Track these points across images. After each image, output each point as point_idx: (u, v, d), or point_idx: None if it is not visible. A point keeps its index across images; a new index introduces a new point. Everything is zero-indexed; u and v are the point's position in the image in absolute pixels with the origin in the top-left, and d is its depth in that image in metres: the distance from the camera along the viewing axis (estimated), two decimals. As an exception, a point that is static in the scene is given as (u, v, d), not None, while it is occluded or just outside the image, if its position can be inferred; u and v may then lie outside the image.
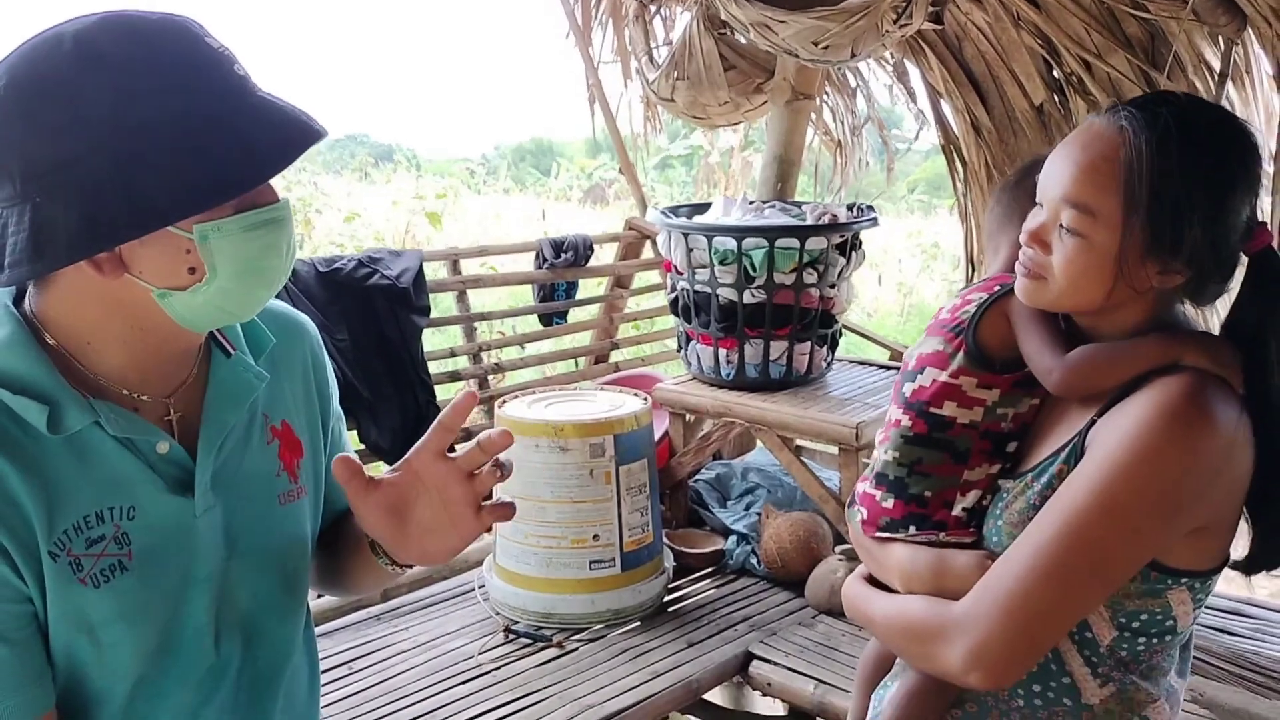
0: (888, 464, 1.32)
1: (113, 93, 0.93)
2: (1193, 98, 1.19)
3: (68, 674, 1.04)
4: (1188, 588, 1.16)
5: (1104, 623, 1.18)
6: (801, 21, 2.98)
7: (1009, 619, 1.13)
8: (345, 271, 3.34)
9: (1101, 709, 1.20)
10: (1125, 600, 1.16)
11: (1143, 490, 1.09)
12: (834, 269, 3.20)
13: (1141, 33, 3.40)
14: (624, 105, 4.35)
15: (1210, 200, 1.11)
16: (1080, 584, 1.12)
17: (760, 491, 3.55)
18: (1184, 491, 1.09)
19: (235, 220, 0.99)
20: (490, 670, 2.72)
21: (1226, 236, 1.13)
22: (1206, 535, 1.14)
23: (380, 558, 1.16)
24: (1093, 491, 1.11)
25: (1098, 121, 1.16)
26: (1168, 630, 1.19)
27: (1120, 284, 1.14)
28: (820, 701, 2.57)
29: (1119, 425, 1.13)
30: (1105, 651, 1.19)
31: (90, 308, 1.02)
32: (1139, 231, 1.11)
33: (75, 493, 1.01)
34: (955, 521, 1.27)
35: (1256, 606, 3.05)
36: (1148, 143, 1.11)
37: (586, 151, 16.12)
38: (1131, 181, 1.11)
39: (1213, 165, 1.11)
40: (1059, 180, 1.16)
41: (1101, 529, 1.10)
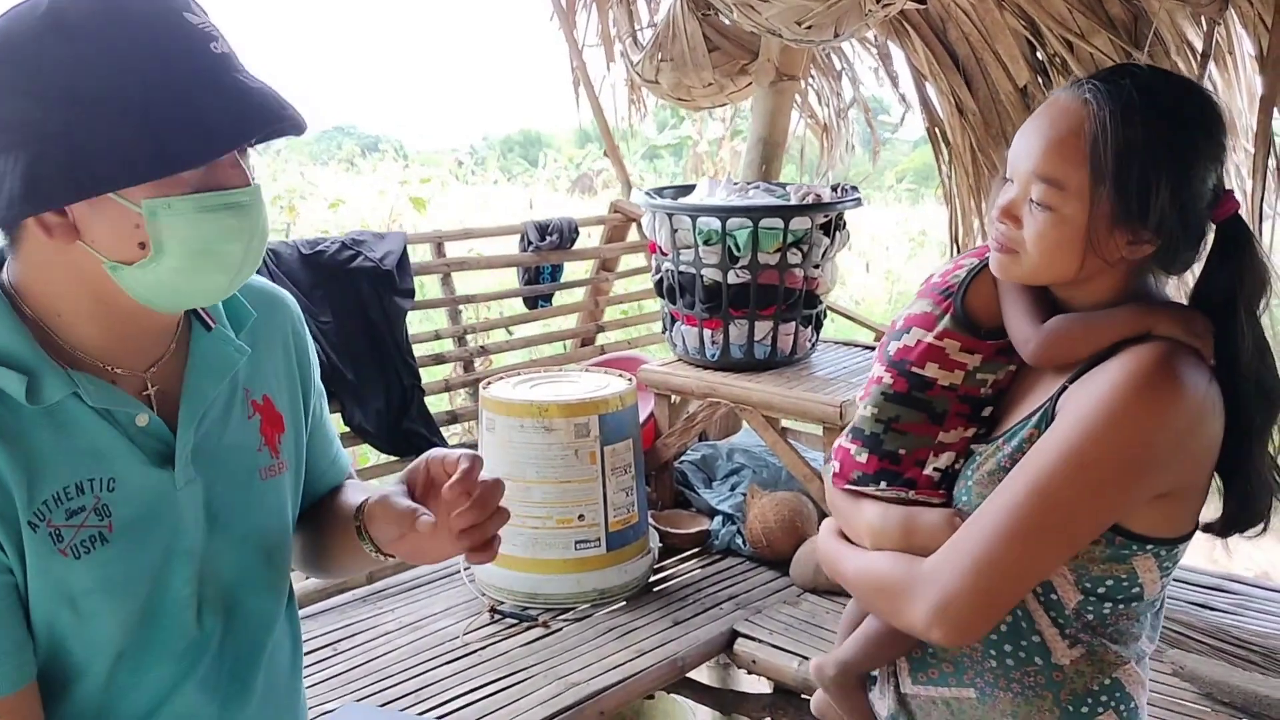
0: (865, 419, 1.33)
1: (75, 60, 0.93)
2: (1155, 69, 1.20)
3: (48, 646, 1.03)
4: (1154, 555, 1.17)
5: (1069, 586, 1.19)
6: (785, 1, 2.98)
7: (974, 576, 1.15)
8: (329, 254, 3.33)
9: (1072, 669, 1.21)
10: (1090, 565, 1.18)
11: (1110, 453, 1.11)
12: (818, 249, 3.21)
13: (1124, 13, 3.40)
14: (608, 89, 4.35)
15: (1175, 168, 1.12)
16: (1045, 543, 1.14)
17: (745, 472, 3.56)
18: (1150, 456, 1.11)
19: (189, 200, 0.98)
20: (476, 650, 2.72)
21: (1194, 204, 1.14)
22: (1172, 502, 1.16)
23: (366, 543, 1.16)
24: (1061, 453, 1.13)
25: (1063, 95, 1.18)
26: (1134, 597, 1.20)
27: (1091, 255, 1.15)
28: (805, 678, 2.59)
29: (1090, 390, 1.14)
30: (1071, 614, 1.20)
31: (56, 277, 1.02)
32: (1107, 202, 1.13)
33: (55, 464, 1.00)
34: (926, 480, 1.29)
35: (1236, 582, 3.08)
36: (1111, 114, 1.12)
37: (574, 142, 16.10)
38: (1097, 152, 1.12)
39: (1176, 133, 1.13)
40: (1027, 155, 1.17)
41: (1069, 489, 1.12)
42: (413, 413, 3.39)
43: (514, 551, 2.91)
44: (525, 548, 2.90)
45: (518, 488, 2.88)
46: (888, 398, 1.31)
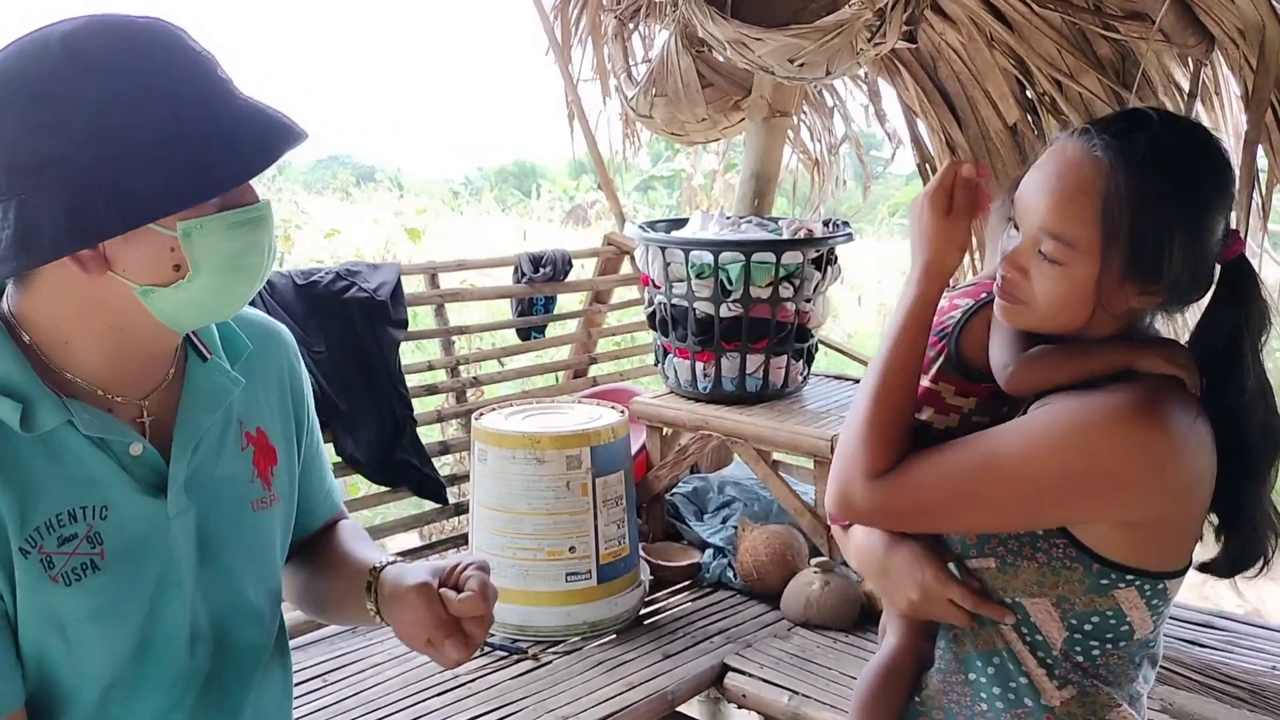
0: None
1: (98, 92, 0.95)
2: (1165, 116, 1.18)
3: (38, 674, 1.04)
4: (1136, 589, 1.17)
5: (1054, 623, 1.20)
6: (777, 39, 3.02)
7: (892, 494, 1.21)
8: (323, 284, 3.34)
9: (1063, 710, 1.21)
10: (1071, 597, 1.18)
11: (1066, 454, 1.13)
12: (810, 283, 3.23)
13: (1112, 53, 3.45)
14: (603, 122, 4.38)
15: (1188, 225, 1.12)
16: (970, 505, 1.19)
17: (737, 505, 3.56)
18: (1110, 479, 1.12)
19: (218, 218, 1.01)
20: (465, 683, 2.71)
21: (1205, 256, 1.14)
22: (1147, 533, 1.16)
23: (369, 602, 1.18)
24: (1022, 433, 1.16)
25: (1071, 146, 1.15)
26: (1124, 635, 1.19)
27: (1099, 308, 1.15)
28: (795, 713, 2.58)
29: (1069, 401, 1.16)
30: (1059, 654, 1.20)
31: (70, 306, 1.03)
32: (1118, 260, 1.12)
33: (47, 491, 1.01)
34: None
35: (1226, 619, 3.08)
36: (1126, 173, 1.11)
37: (568, 173, 16.19)
38: (1110, 213, 1.11)
39: (1189, 190, 1.12)
40: (1036, 209, 1.16)
41: (1012, 466, 1.15)
42: (405, 443, 3.39)
43: (504, 583, 2.90)
44: (516, 579, 2.90)
45: (509, 519, 2.88)
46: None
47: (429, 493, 3.43)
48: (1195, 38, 3.14)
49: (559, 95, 4.37)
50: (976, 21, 3.57)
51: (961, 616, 1.24)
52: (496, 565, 2.90)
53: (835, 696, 2.58)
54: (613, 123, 4.39)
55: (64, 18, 0.99)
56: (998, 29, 3.52)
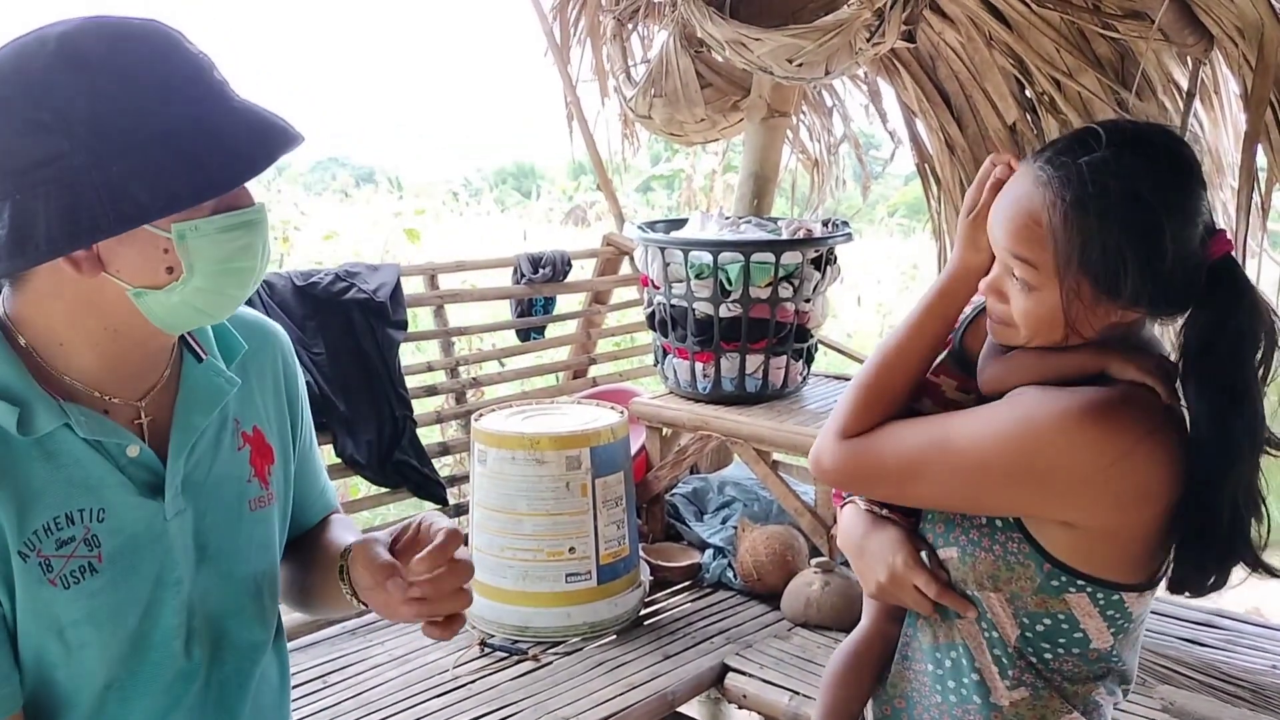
0: None
1: (94, 93, 0.95)
2: (1115, 132, 1.14)
3: (36, 677, 1.04)
4: (1089, 596, 1.16)
5: (1007, 619, 1.20)
6: (776, 39, 3.02)
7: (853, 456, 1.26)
8: (322, 285, 3.34)
9: (1011, 712, 1.22)
10: (1023, 594, 1.19)
11: (1010, 443, 1.15)
12: (809, 283, 3.23)
13: (1111, 53, 3.45)
14: (602, 123, 4.38)
15: (1139, 242, 1.10)
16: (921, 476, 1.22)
17: (737, 505, 3.56)
18: (1053, 475, 1.13)
19: (213, 221, 1.01)
20: (465, 684, 2.71)
21: (1173, 268, 1.11)
22: (1093, 538, 1.15)
23: (345, 586, 1.17)
24: (978, 418, 1.19)
25: (1024, 172, 1.16)
26: (1076, 642, 1.19)
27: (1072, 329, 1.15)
28: (795, 713, 2.58)
29: (1031, 394, 1.18)
30: (1014, 652, 1.21)
31: (64, 308, 1.03)
32: (1079, 283, 1.12)
33: (45, 494, 1.01)
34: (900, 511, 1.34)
35: (1226, 618, 3.08)
36: (1063, 201, 1.11)
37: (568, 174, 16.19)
38: (1057, 242, 1.11)
39: (1134, 212, 1.09)
40: (1000, 234, 1.17)
41: (961, 445, 1.18)
42: (404, 444, 3.39)
43: (504, 584, 2.91)
44: (515, 580, 2.90)
45: (509, 520, 2.88)
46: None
47: (429, 494, 3.43)
48: (1194, 37, 3.14)
49: (558, 96, 4.37)
50: (975, 21, 3.57)
51: (924, 604, 1.26)
52: (496, 566, 2.91)
53: (835, 697, 2.57)
54: (612, 123, 4.40)
55: (60, 19, 0.99)
56: (997, 28, 3.53)
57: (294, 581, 1.31)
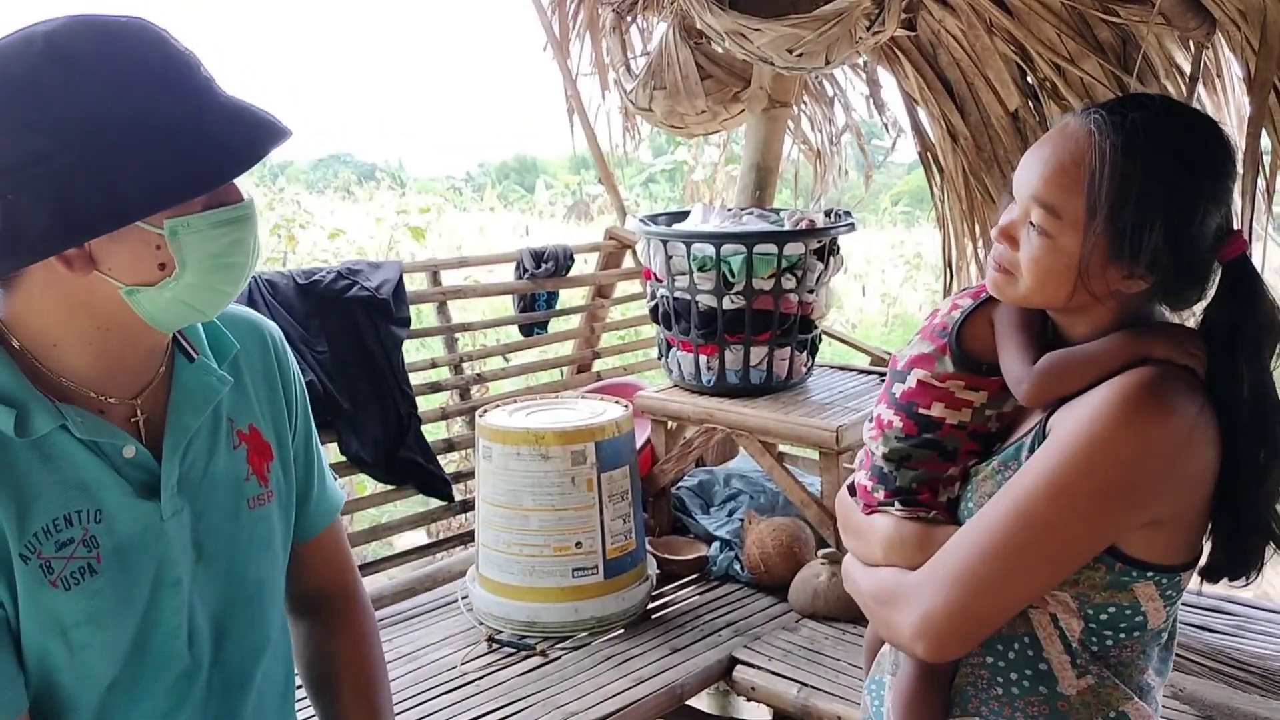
0: (877, 460, 1.35)
1: (83, 91, 0.95)
2: (1169, 102, 1.18)
3: (40, 678, 1.04)
4: (1154, 583, 1.16)
5: (1071, 615, 1.19)
6: (776, 29, 3.01)
7: (956, 590, 1.15)
8: (325, 284, 3.34)
9: (1078, 700, 1.20)
10: (1091, 592, 1.17)
11: (1090, 475, 1.10)
12: (812, 274, 3.22)
13: (1113, 37, 3.44)
14: (603, 116, 4.37)
15: (1173, 209, 1.11)
16: (1025, 563, 1.14)
17: (743, 498, 3.55)
18: (1132, 481, 1.10)
19: (204, 216, 1.01)
20: (474, 680, 2.71)
21: (1192, 245, 1.12)
22: (1166, 529, 1.15)
23: None
24: (1042, 473, 1.13)
25: (1072, 122, 1.17)
26: (1137, 626, 1.19)
27: (1081, 287, 1.15)
28: (804, 705, 2.58)
29: (1077, 412, 1.14)
30: (1078, 644, 1.20)
31: (57, 308, 1.03)
32: (1101, 236, 1.12)
33: (44, 496, 1.01)
34: (940, 508, 1.29)
35: (1236, 604, 3.07)
36: (1113, 147, 1.11)
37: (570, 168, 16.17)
38: (1094, 185, 1.12)
39: (1178, 174, 1.11)
40: (1029, 179, 1.17)
41: (1047, 511, 1.12)
42: (409, 441, 3.39)
43: (511, 580, 2.91)
44: (522, 576, 2.90)
45: (514, 515, 2.88)
46: (899, 439, 1.32)
47: (434, 490, 3.43)
48: (1196, 20, 3.12)
49: (558, 90, 4.36)
50: (976, 8, 3.55)
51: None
52: (502, 562, 2.91)
53: (844, 688, 2.57)
54: (612, 117, 4.39)
55: (46, 18, 0.99)
56: (997, 15, 3.51)
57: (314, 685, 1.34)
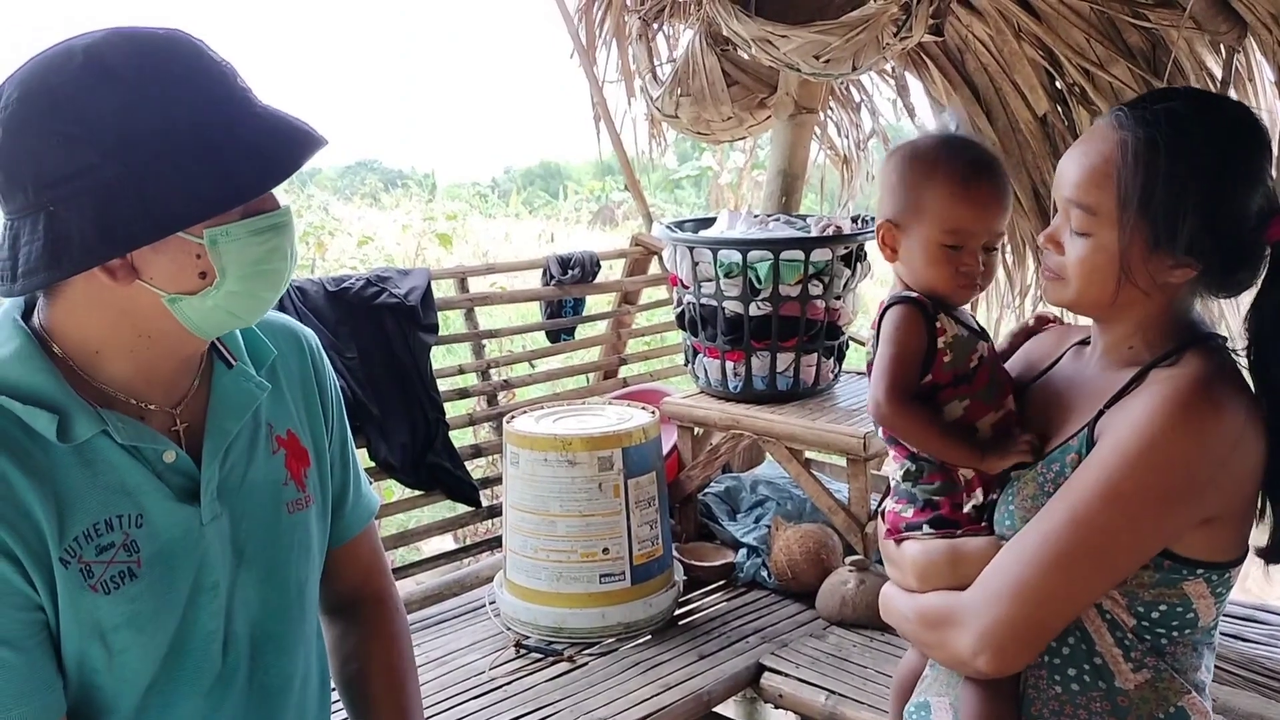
0: (898, 482, 1.38)
1: (122, 103, 0.96)
2: (1195, 92, 1.21)
3: (79, 682, 1.05)
4: (1205, 580, 1.16)
5: (1121, 610, 1.19)
6: (802, 36, 3.01)
7: (1015, 603, 1.15)
8: (354, 290, 3.36)
9: (1137, 694, 1.20)
10: (1140, 590, 1.17)
11: (1147, 479, 1.11)
12: (839, 280, 3.22)
13: (1143, 42, 3.42)
14: (629, 123, 4.39)
15: (1204, 190, 1.12)
16: (1085, 570, 1.14)
17: (770, 504, 3.55)
18: (1190, 481, 1.11)
19: (243, 225, 1.03)
20: (501, 685, 2.72)
21: (1231, 226, 1.13)
22: (1218, 526, 1.15)
23: None
24: (1099, 480, 1.13)
25: (1101, 122, 1.19)
26: (1189, 624, 1.19)
27: (1127, 283, 1.16)
28: (832, 713, 2.56)
29: (1128, 416, 1.15)
30: (1132, 638, 1.19)
31: (99, 316, 1.05)
32: (1137, 227, 1.13)
33: (85, 500, 1.03)
34: (967, 519, 1.30)
35: (1269, 613, 3.03)
36: (1135, 138, 1.13)
37: (595, 174, 16.19)
38: (1122, 178, 1.14)
39: (1204, 153, 1.12)
40: (1065, 183, 1.20)
41: (1106, 517, 1.12)
42: (437, 447, 3.41)
43: (538, 585, 2.92)
44: (550, 581, 2.91)
45: (542, 521, 2.89)
46: (907, 460, 1.36)
47: (462, 496, 3.44)
48: (1227, 24, 3.10)
49: (584, 97, 4.38)
50: (1004, 13, 3.54)
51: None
52: (530, 567, 2.92)
53: (873, 696, 2.56)
54: (638, 123, 4.40)
55: (85, 31, 1.01)
56: (1025, 19, 3.49)
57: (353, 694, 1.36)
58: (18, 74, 0.99)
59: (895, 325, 1.33)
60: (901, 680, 1.48)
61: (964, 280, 1.34)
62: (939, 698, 1.34)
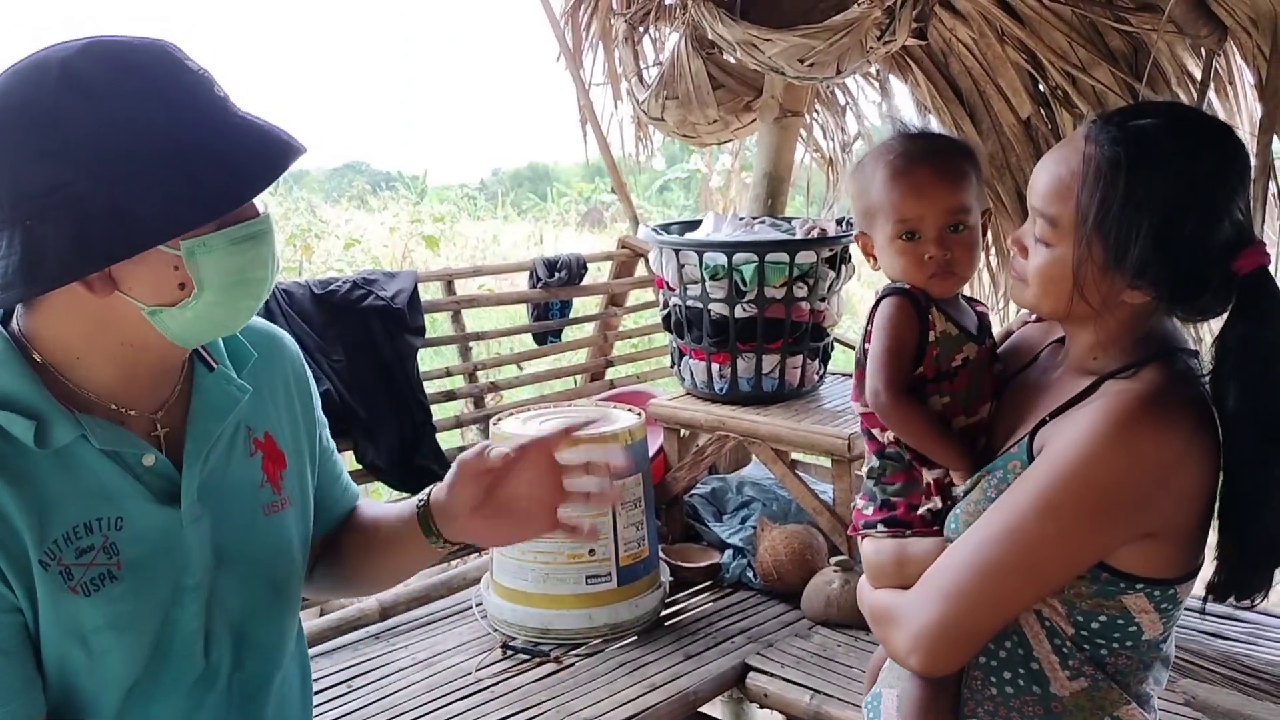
0: (864, 478, 1.41)
1: (98, 118, 0.96)
2: (1178, 109, 1.19)
3: (60, 684, 1.05)
4: (1146, 595, 1.16)
5: (1060, 618, 1.20)
6: (787, 39, 3.03)
7: (947, 606, 1.18)
8: (341, 293, 3.37)
9: (1071, 702, 1.21)
10: (1077, 599, 1.18)
11: (1081, 492, 1.11)
12: (824, 282, 3.23)
13: (1125, 45, 3.45)
14: (615, 126, 4.40)
15: (1159, 215, 1.09)
16: (1015, 580, 1.16)
17: (755, 505, 3.56)
18: (1124, 496, 1.11)
19: (220, 235, 1.02)
20: (488, 686, 2.72)
21: (1186, 254, 1.10)
22: (1159, 542, 1.14)
23: (431, 536, 1.22)
24: (1033, 491, 1.14)
25: (1078, 131, 1.19)
26: (1131, 636, 1.19)
27: (1079, 296, 1.15)
28: (816, 711, 2.58)
29: (1068, 430, 1.15)
30: (1071, 643, 1.20)
31: (79, 325, 1.05)
32: (1091, 244, 1.12)
33: (64, 504, 1.03)
34: (920, 521, 1.33)
35: (1250, 612, 3.06)
36: (1100, 155, 1.12)
37: (583, 176, 16.20)
38: (1080, 197, 1.13)
39: (1165, 180, 1.10)
40: (1034, 190, 1.20)
41: (1038, 528, 1.13)
42: (424, 449, 3.41)
43: (525, 587, 2.92)
44: (536, 583, 2.91)
45: (528, 523, 2.89)
46: (875, 456, 1.39)
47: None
48: (1207, 28, 3.13)
49: (572, 99, 4.39)
50: (987, 16, 3.57)
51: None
52: (516, 569, 2.93)
53: (857, 695, 2.58)
54: (625, 126, 4.41)
55: (60, 42, 1.00)
56: (1008, 23, 3.52)
57: (346, 569, 1.36)
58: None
59: (888, 317, 1.34)
60: (872, 671, 1.50)
61: (932, 268, 1.33)
62: (889, 689, 1.36)
